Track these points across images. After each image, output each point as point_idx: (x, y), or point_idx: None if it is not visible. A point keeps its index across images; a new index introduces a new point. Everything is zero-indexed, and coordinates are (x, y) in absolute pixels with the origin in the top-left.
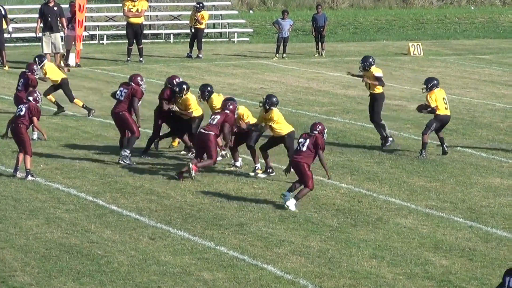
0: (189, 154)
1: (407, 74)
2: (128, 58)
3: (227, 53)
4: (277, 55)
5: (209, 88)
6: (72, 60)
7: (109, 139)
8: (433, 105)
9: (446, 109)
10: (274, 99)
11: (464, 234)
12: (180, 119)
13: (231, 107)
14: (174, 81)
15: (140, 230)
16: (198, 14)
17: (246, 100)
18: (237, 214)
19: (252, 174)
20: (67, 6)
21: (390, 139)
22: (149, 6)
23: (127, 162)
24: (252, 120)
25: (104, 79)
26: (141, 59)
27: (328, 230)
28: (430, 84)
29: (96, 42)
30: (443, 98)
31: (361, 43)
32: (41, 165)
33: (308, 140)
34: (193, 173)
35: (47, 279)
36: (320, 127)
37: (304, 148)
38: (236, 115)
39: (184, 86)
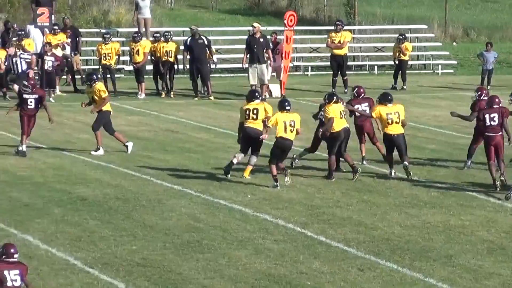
0: None
1: None
2: (333, 89)
3: (431, 85)
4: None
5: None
6: (277, 91)
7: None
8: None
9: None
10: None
11: None
12: None
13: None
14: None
15: (349, 261)
16: (402, 45)
17: (452, 132)
18: (445, 246)
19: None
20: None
21: None
22: (353, 38)
23: None
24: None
25: (309, 110)
26: (345, 90)
27: None
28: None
29: (301, 73)
30: None
31: None
32: (249, 196)
33: (497, 114)
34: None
35: None
36: (497, 99)
37: (497, 122)
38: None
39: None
